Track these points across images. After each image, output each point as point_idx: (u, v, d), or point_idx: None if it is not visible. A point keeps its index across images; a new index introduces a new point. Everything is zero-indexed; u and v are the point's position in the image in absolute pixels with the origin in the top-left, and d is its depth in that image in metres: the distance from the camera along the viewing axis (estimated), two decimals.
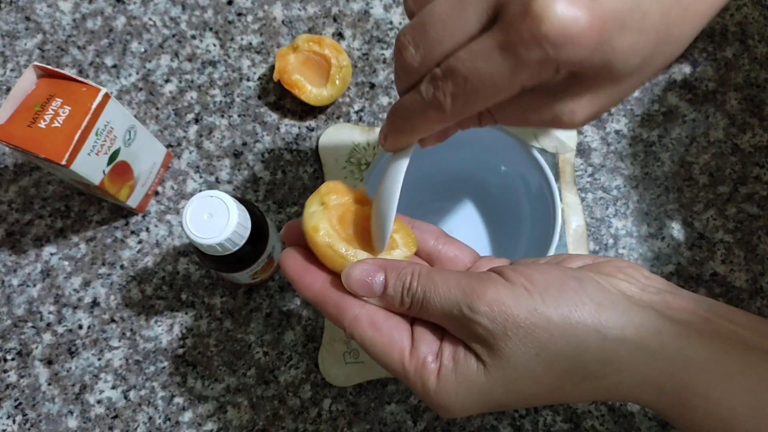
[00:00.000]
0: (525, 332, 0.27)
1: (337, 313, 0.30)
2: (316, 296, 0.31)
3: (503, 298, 0.28)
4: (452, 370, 0.29)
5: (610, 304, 0.28)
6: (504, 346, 0.28)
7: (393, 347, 0.29)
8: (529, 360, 0.28)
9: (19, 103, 0.41)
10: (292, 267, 0.32)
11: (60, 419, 0.47)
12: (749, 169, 0.52)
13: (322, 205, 0.33)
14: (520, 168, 0.46)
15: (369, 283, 0.30)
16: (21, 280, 0.50)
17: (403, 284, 0.30)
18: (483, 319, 0.27)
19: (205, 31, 0.55)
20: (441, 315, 0.29)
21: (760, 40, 0.55)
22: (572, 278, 0.29)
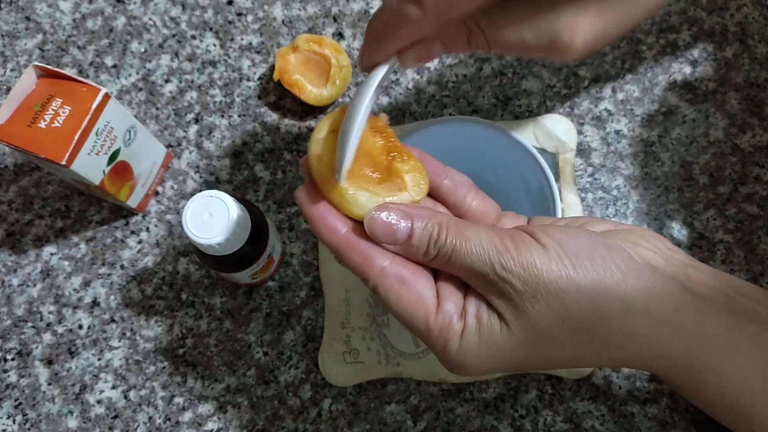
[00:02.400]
0: (554, 297, 0.27)
1: (362, 261, 0.29)
2: (341, 242, 0.29)
3: (536, 261, 0.27)
4: (476, 330, 0.28)
5: (637, 274, 0.28)
6: (531, 309, 0.27)
7: (419, 305, 0.29)
8: (555, 325, 0.28)
9: (19, 103, 0.41)
10: (313, 207, 0.29)
11: (60, 419, 0.47)
12: (749, 169, 0.52)
13: (332, 132, 0.29)
14: (520, 168, 0.46)
15: (394, 229, 0.28)
16: (21, 280, 0.50)
17: (431, 235, 0.29)
18: (515, 279, 0.27)
19: (205, 31, 0.55)
20: (469, 270, 0.28)
21: (760, 40, 0.55)
22: (602, 245, 0.28)
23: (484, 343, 0.28)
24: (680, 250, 0.31)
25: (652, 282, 0.28)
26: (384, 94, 0.54)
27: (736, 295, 0.29)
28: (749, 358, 0.28)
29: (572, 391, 0.48)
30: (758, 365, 0.28)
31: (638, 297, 0.28)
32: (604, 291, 0.27)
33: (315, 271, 0.50)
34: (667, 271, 0.29)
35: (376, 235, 0.29)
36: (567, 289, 0.27)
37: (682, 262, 0.30)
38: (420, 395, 0.48)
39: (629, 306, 0.28)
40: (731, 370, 0.28)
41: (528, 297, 0.27)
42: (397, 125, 0.53)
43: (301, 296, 0.50)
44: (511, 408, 0.48)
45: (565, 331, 0.28)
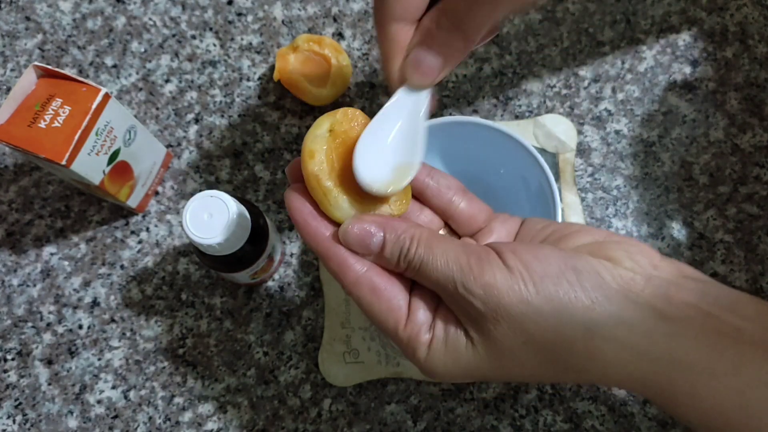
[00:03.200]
0: (515, 320, 0.28)
1: (339, 270, 0.30)
2: (321, 248, 0.30)
3: (498, 284, 0.28)
4: (443, 342, 0.29)
5: (606, 301, 0.28)
6: (493, 330, 0.28)
7: (390, 315, 0.30)
8: (517, 346, 0.28)
9: (19, 103, 0.41)
10: (300, 210, 0.30)
11: (60, 419, 0.47)
12: (749, 169, 0.52)
13: (330, 132, 0.30)
14: (520, 168, 0.46)
15: (367, 242, 0.30)
16: (21, 280, 0.50)
17: (401, 248, 0.29)
18: (476, 300, 0.28)
19: (205, 31, 0.55)
20: (436, 286, 0.29)
21: (760, 40, 0.55)
22: (571, 270, 0.28)
23: (450, 355, 0.29)
24: (670, 263, 0.30)
25: (621, 309, 0.28)
26: (384, 94, 0.54)
27: (722, 312, 0.28)
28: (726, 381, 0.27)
29: (572, 391, 0.48)
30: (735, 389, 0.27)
31: (604, 323, 0.27)
32: (568, 317, 0.27)
33: (315, 271, 0.50)
34: (644, 295, 0.28)
35: (350, 245, 0.30)
36: (529, 314, 0.27)
37: (665, 281, 0.29)
38: (420, 395, 0.48)
39: (593, 332, 0.27)
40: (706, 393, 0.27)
41: (490, 318, 0.28)
42: None
43: (301, 296, 0.50)
44: (511, 408, 0.48)
45: (528, 352, 0.28)
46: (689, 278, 0.29)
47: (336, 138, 0.30)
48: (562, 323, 0.27)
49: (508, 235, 0.33)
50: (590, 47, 0.55)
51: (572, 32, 0.55)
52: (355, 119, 0.31)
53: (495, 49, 0.55)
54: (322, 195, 0.29)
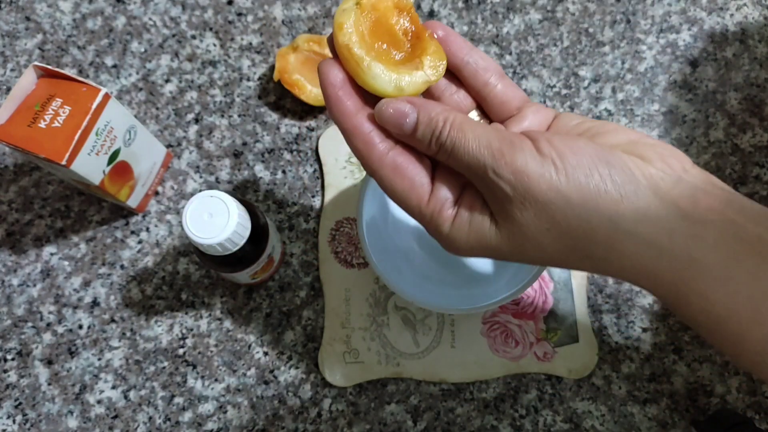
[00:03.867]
0: (542, 206, 0.28)
1: (363, 148, 0.30)
2: (348, 126, 0.31)
3: (529, 170, 0.28)
4: (467, 221, 0.30)
5: (634, 196, 0.28)
6: (519, 214, 0.28)
7: (412, 192, 0.30)
8: (540, 232, 0.29)
9: (19, 103, 0.41)
10: (332, 83, 0.31)
11: (60, 419, 0.47)
12: (749, 169, 0.52)
13: (358, 5, 0.31)
14: None
15: (401, 121, 0.30)
16: (21, 280, 0.50)
17: (434, 131, 0.30)
18: (505, 185, 0.28)
19: (205, 31, 0.55)
20: (467, 169, 0.29)
21: (760, 40, 0.55)
22: (603, 163, 0.28)
23: (473, 234, 0.30)
24: (701, 171, 0.30)
25: (647, 204, 0.28)
26: None
27: (745, 221, 0.28)
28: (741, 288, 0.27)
29: (572, 391, 0.48)
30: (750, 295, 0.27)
31: (628, 217, 0.28)
32: (595, 208, 0.28)
33: (315, 271, 0.50)
34: (672, 194, 0.28)
35: (384, 124, 0.30)
36: (556, 201, 0.28)
37: (694, 185, 0.29)
38: (420, 395, 0.48)
39: (617, 224, 0.28)
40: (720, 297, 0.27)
41: (517, 203, 0.28)
42: None
43: (301, 296, 0.50)
44: (511, 408, 0.48)
45: (550, 238, 0.29)
46: (717, 186, 0.29)
47: (363, 10, 0.31)
48: (588, 213, 0.28)
49: (540, 124, 0.33)
50: (590, 47, 0.55)
51: (572, 32, 0.55)
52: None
53: (495, 49, 0.55)
54: (355, 64, 0.30)
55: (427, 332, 0.49)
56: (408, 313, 0.49)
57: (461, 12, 0.55)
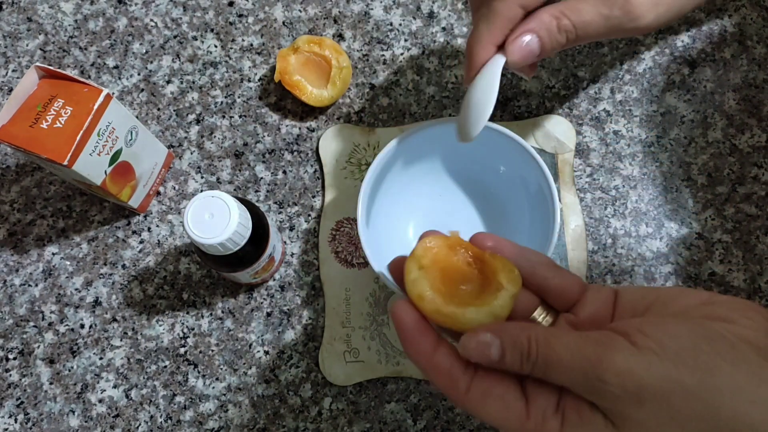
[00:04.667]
0: (660, 399, 0.27)
1: (449, 384, 0.30)
2: (429, 365, 0.30)
3: (633, 367, 0.27)
4: (578, 424, 0.28)
5: (743, 363, 0.28)
6: (636, 413, 0.27)
7: (509, 413, 0.29)
8: (663, 423, 0.27)
9: (21, 104, 0.41)
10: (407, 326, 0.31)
11: (62, 418, 0.48)
12: (747, 170, 0.53)
13: (421, 269, 0.32)
14: (519, 168, 0.46)
15: (487, 352, 0.29)
16: (23, 280, 0.50)
17: (521, 353, 0.29)
18: (614, 388, 0.27)
19: (207, 32, 0.55)
20: (565, 381, 0.28)
21: (759, 41, 0.55)
22: (704, 339, 0.28)
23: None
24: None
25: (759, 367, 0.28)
26: (384, 95, 0.54)
27: None
28: None
29: None
30: None
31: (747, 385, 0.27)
32: (713, 386, 0.27)
33: (315, 270, 0.50)
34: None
35: (471, 358, 0.30)
36: (674, 390, 0.27)
37: None
38: (420, 394, 0.48)
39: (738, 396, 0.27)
40: None
41: (632, 402, 0.27)
42: (397, 125, 0.53)
43: (302, 296, 0.50)
44: None
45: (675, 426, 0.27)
46: None
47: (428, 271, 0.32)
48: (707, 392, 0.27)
49: (604, 305, 0.33)
50: (589, 48, 0.55)
51: None
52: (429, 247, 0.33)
53: None
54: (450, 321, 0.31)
55: None
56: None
57: (461, 13, 0.56)
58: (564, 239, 0.51)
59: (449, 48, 0.55)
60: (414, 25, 0.55)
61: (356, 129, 0.52)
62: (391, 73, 0.54)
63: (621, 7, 0.34)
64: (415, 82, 0.54)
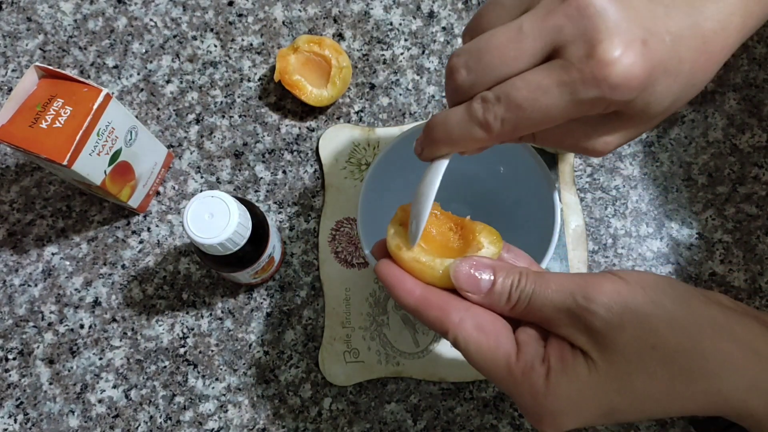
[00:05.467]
0: (643, 322, 0.27)
1: (441, 315, 0.30)
2: (418, 301, 0.31)
3: (621, 290, 0.27)
4: (561, 371, 0.28)
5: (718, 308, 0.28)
6: (618, 338, 0.27)
7: (498, 351, 0.29)
8: (645, 351, 0.27)
9: (21, 104, 0.41)
10: (391, 274, 0.32)
11: (61, 418, 0.48)
12: (748, 170, 0.52)
13: (401, 226, 0.33)
14: (519, 168, 0.46)
15: (477, 279, 0.30)
16: (22, 280, 0.50)
17: (512, 282, 0.30)
18: (599, 308, 0.27)
19: (206, 32, 0.55)
20: (550, 309, 0.28)
21: (759, 41, 0.55)
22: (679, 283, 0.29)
23: (573, 383, 0.28)
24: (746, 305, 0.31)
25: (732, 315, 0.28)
26: (384, 94, 0.54)
27: None
28: None
29: None
30: None
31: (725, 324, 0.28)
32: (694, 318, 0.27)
33: (315, 270, 0.50)
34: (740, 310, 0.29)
35: (461, 284, 0.30)
36: (657, 313, 0.27)
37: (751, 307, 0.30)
38: (420, 394, 0.48)
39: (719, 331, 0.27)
40: None
41: (615, 326, 0.27)
42: (397, 125, 0.53)
43: (302, 296, 0.50)
44: (511, 407, 0.48)
45: (657, 358, 0.27)
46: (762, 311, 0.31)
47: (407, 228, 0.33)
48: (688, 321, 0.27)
49: None
50: None
51: None
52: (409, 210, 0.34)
53: None
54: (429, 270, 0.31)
55: (427, 332, 0.49)
56: (408, 313, 0.49)
57: (461, 13, 0.56)
58: (564, 239, 0.50)
59: (449, 48, 0.55)
60: (414, 24, 0.55)
61: (356, 129, 0.52)
62: (391, 73, 0.54)
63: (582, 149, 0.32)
64: (415, 82, 0.54)
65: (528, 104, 0.27)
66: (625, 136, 0.30)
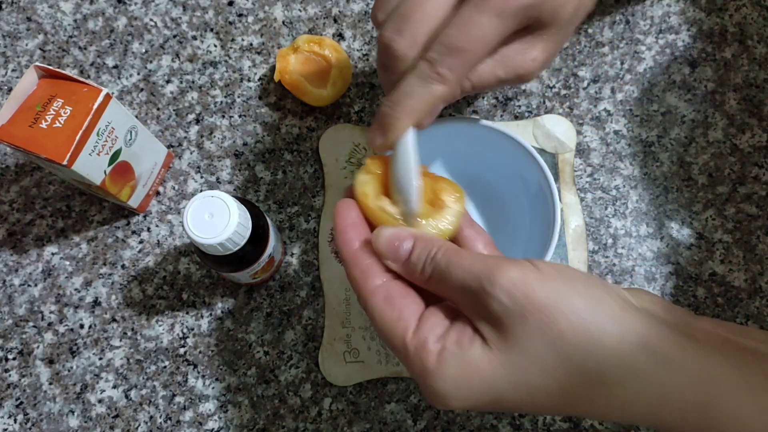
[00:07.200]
0: (545, 315, 0.26)
1: (361, 277, 0.31)
2: (349, 255, 0.31)
3: (528, 278, 0.27)
4: (454, 353, 0.27)
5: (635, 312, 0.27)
6: (517, 328, 0.26)
7: (398, 323, 0.29)
8: (543, 346, 0.26)
9: (21, 104, 0.41)
10: (342, 219, 0.32)
11: (61, 418, 0.48)
12: (748, 170, 0.52)
13: (369, 174, 0.34)
14: (519, 168, 0.46)
15: (396, 246, 0.30)
16: (22, 280, 0.50)
17: (428, 253, 0.30)
18: (502, 295, 0.26)
19: (206, 31, 0.55)
20: (459, 287, 0.28)
21: (759, 41, 0.55)
22: (599, 282, 0.28)
23: (462, 367, 0.27)
24: (680, 308, 0.30)
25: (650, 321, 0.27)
26: (384, 94, 0.54)
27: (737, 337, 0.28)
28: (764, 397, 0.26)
29: None
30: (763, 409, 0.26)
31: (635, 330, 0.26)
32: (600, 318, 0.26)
33: (315, 270, 0.50)
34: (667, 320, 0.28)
35: (380, 250, 0.31)
36: (561, 308, 0.26)
37: (683, 313, 0.29)
38: (420, 394, 0.48)
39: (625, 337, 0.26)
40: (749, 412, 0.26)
41: (516, 315, 0.26)
42: None
43: (302, 296, 0.50)
44: None
45: (555, 355, 0.26)
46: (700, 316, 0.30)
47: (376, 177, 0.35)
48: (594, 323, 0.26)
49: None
50: (589, 47, 0.55)
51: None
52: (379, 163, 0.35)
53: None
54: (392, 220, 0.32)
55: None
56: None
57: None
58: (564, 239, 0.50)
59: None
60: None
61: (356, 129, 0.52)
62: None
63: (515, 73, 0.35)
64: None
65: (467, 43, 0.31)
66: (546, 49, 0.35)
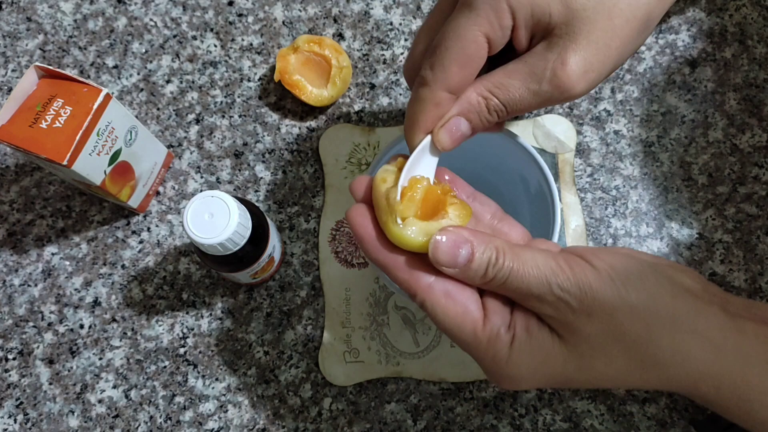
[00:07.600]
0: (609, 316, 0.29)
1: (409, 278, 0.30)
2: (388, 260, 0.31)
3: (591, 282, 0.29)
4: (526, 340, 0.30)
5: (682, 297, 0.30)
6: (585, 327, 0.29)
7: (466, 317, 0.30)
8: (608, 341, 0.29)
9: (21, 104, 0.41)
10: (364, 226, 0.31)
11: (61, 418, 0.48)
12: (748, 170, 0.52)
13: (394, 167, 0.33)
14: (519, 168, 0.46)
15: (455, 254, 0.30)
16: (22, 280, 0.50)
17: (490, 258, 0.30)
18: (571, 299, 0.29)
19: (206, 31, 0.55)
20: (525, 292, 0.29)
21: (759, 41, 0.55)
22: (650, 270, 0.30)
23: (536, 354, 0.30)
24: (715, 285, 0.32)
25: (696, 304, 0.30)
26: (384, 94, 0.54)
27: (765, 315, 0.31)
28: None
29: (571, 391, 0.48)
30: None
31: (686, 316, 0.29)
32: (656, 311, 0.29)
33: (315, 270, 0.50)
34: (707, 298, 0.30)
35: (439, 260, 0.30)
36: (621, 308, 0.29)
37: (720, 291, 0.31)
38: (420, 394, 0.48)
39: (678, 324, 0.29)
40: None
41: (583, 315, 0.29)
42: (397, 125, 0.53)
43: (302, 296, 0.50)
44: (511, 407, 0.48)
45: (618, 347, 0.29)
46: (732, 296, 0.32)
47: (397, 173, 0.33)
48: (651, 317, 0.29)
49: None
50: None
51: None
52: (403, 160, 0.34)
53: None
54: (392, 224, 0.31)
55: (427, 332, 0.49)
56: (408, 313, 0.49)
57: None
58: (564, 239, 0.50)
59: None
60: (414, 24, 0.55)
61: (356, 129, 0.52)
62: (391, 72, 0.54)
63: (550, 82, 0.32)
64: None
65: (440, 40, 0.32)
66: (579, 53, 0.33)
